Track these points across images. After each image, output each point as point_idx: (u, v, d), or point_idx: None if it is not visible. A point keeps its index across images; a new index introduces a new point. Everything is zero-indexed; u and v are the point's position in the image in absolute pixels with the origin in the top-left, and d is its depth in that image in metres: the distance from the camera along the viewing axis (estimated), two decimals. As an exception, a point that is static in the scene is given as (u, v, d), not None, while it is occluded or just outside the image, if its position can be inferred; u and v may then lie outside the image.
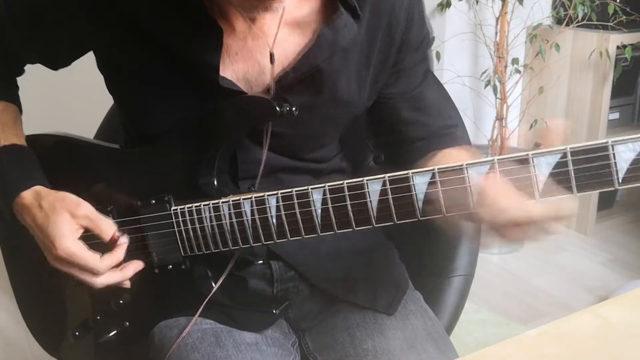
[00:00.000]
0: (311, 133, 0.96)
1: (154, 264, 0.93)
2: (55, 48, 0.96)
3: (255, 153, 0.93)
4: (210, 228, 0.88)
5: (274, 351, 0.94)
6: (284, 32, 0.89)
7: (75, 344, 1.01)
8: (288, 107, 0.86)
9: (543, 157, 0.72)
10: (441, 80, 1.34)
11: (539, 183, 0.72)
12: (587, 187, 0.71)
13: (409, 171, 0.77)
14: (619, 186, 0.70)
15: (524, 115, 2.90)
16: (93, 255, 0.86)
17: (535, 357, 0.73)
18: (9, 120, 0.98)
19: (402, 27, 0.94)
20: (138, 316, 0.97)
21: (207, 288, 0.93)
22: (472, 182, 0.75)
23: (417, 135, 1.02)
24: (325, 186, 0.81)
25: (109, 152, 1.01)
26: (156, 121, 0.93)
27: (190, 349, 0.91)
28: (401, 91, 0.99)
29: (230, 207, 0.86)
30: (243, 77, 0.90)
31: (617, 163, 0.70)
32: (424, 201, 0.77)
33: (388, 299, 1.00)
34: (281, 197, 0.83)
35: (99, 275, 0.88)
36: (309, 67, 0.88)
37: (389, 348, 0.94)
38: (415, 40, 0.97)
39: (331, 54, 0.88)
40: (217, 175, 0.91)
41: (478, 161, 0.75)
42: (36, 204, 0.88)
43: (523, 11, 2.63)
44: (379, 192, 0.79)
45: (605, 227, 2.89)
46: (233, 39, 0.88)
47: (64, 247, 0.85)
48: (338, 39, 0.88)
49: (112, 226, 0.89)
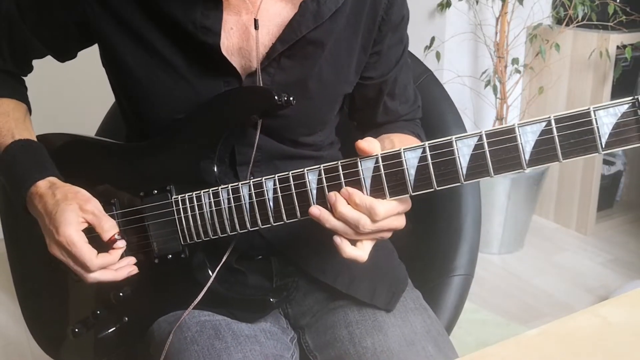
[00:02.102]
0: (304, 113, 0.97)
1: (155, 254, 0.95)
2: (63, 38, 0.98)
3: (251, 137, 0.94)
4: (209, 214, 0.90)
5: (272, 344, 0.95)
6: (276, 7, 0.91)
7: (74, 342, 1.01)
8: (286, 96, 0.88)
9: (528, 127, 0.74)
10: (441, 80, 1.34)
11: (525, 152, 0.74)
12: (571, 153, 0.73)
13: (401, 148, 0.80)
14: (603, 151, 0.72)
15: (524, 115, 2.90)
16: (90, 250, 0.88)
17: (535, 357, 0.73)
18: (20, 117, 1.01)
19: (384, 3, 0.96)
20: (137, 311, 0.98)
21: (205, 278, 0.94)
22: (460, 154, 0.77)
23: (385, 119, 1.07)
24: (321, 167, 0.84)
25: (112, 147, 1.02)
26: (157, 113, 0.95)
27: (189, 341, 0.92)
28: (378, 75, 1.02)
29: (229, 192, 0.88)
30: (237, 52, 0.92)
31: (600, 128, 0.71)
32: (415, 175, 0.79)
33: (387, 295, 1.01)
34: (278, 179, 0.86)
35: (90, 272, 0.89)
36: (294, 37, 0.90)
37: (389, 346, 0.94)
38: (396, 19, 0.99)
39: (316, 25, 0.90)
40: (217, 164, 0.93)
41: (467, 134, 0.77)
42: (50, 192, 0.90)
43: (523, 11, 2.63)
44: (372, 169, 0.81)
45: (605, 227, 2.89)
46: (228, 12, 0.91)
47: (67, 234, 0.87)
48: (322, 9, 0.90)
49: (114, 228, 0.90)
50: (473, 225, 1.21)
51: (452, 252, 1.20)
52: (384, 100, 1.05)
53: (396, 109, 1.07)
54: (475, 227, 1.22)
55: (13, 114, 1.00)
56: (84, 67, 1.03)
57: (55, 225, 0.88)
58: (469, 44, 2.77)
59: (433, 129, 1.22)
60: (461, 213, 1.21)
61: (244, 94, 0.92)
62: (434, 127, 1.23)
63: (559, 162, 0.74)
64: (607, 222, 2.91)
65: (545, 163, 0.74)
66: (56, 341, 1.07)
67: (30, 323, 1.11)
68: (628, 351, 0.73)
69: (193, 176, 0.92)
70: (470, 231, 1.21)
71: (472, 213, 1.21)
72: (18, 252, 1.11)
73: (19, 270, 1.11)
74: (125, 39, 0.92)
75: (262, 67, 0.92)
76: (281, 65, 0.93)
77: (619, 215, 2.98)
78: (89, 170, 1.00)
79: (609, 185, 2.98)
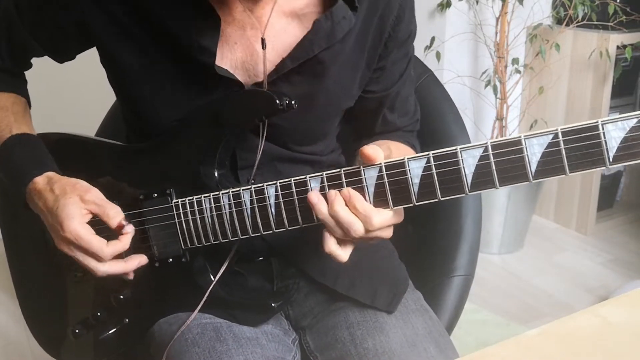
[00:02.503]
0: (306, 125, 0.97)
1: (155, 257, 0.94)
2: (61, 39, 0.97)
3: (252, 142, 0.94)
4: (210, 219, 0.89)
5: (274, 346, 0.95)
6: (282, 23, 0.90)
7: (75, 342, 1.01)
8: (288, 100, 0.87)
9: (535, 139, 0.73)
10: (441, 80, 1.34)
11: (531, 164, 0.73)
12: (578, 166, 0.72)
13: (405, 157, 0.79)
14: (610, 165, 0.71)
15: (524, 115, 2.90)
16: (99, 239, 0.87)
17: (535, 357, 0.73)
18: (19, 111, 1.00)
19: (393, 19, 0.95)
20: (138, 312, 0.98)
21: (206, 282, 0.94)
22: (465, 164, 0.76)
23: (382, 129, 1.06)
24: (323, 174, 0.83)
25: (112, 149, 1.02)
26: (157, 115, 0.94)
27: (190, 343, 0.92)
28: (380, 89, 1.01)
29: (230, 197, 0.87)
30: (241, 66, 0.92)
31: (608, 142, 0.70)
32: (419, 185, 0.78)
33: (388, 296, 1.01)
34: (280, 186, 0.84)
35: (102, 262, 0.88)
36: (305, 55, 0.89)
37: (390, 347, 0.94)
38: (403, 36, 0.98)
39: (328, 45, 0.90)
40: (218, 168, 0.93)
41: (472, 145, 0.76)
42: (48, 188, 0.90)
43: (523, 11, 2.63)
44: (375, 177, 0.80)
45: (605, 227, 2.89)
46: (232, 27, 0.90)
47: (72, 228, 0.86)
48: (335, 30, 0.89)
49: (119, 213, 0.89)
50: (473, 226, 1.21)
51: (452, 252, 1.20)
52: (383, 113, 1.05)
53: (395, 121, 1.06)
54: (476, 227, 1.22)
55: (12, 108, 0.99)
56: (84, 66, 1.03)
57: (59, 222, 0.87)
58: (469, 44, 2.77)
59: (434, 129, 1.22)
60: (461, 213, 1.21)
61: (245, 97, 0.91)
62: (435, 127, 1.23)
63: (565, 175, 0.72)
64: (607, 222, 2.91)
65: (551, 176, 0.73)
66: (56, 341, 1.07)
67: (30, 322, 1.11)
68: (628, 351, 0.73)
69: (193, 180, 0.92)
70: (471, 231, 1.21)
71: (472, 213, 1.21)
72: (17, 251, 1.11)
73: (18, 269, 1.11)
74: (124, 43, 0.91)
75: (269, 81, 0.90)
76: (289, 79, 0.92)
77: (619, 215, 2.97)
78: (88, 171, 0.99)
79: (609, 185, 2.98)
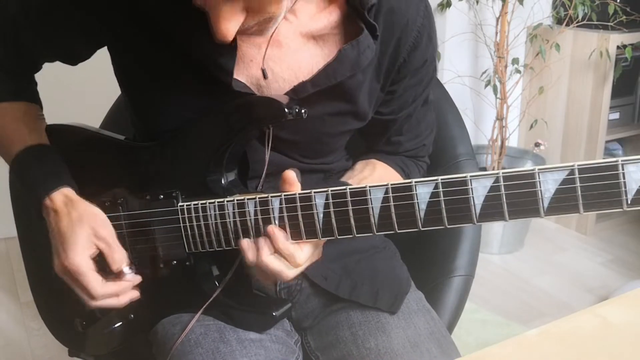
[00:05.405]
0: (316, 141, 0.97)
1: (159, 258, 0.94)
2: (70, 45, 0.97)
3: (263, 153, 0.94)
4: (215, 226, 0.89)
5: (277, 348, 0.94)
6: (299, 43, 0.89)
7: (82, 334, 1.02)
8: (297, 109, 0.86)
9: (549, 173, 0.70)
10: (441, 80, 1.34)
11: (544, 200, 0.70)
12: (594, 206, 0.69)
13: (412, 180, 0.77)
14: (628, 207, 0.67)
15: (524, 115, 2.90)
16: (97, 278, 0.89)
17: (535, 357, 0.73)
18: (31, 120, 1.00)
19: (409, 45, 0.94)
20: (143, 309, 0.98)
21: (210, 287, 0.94)
22: (475, 194, 0.73)
23: (387, 149, 1.06)
24: (328, 190, 0.81)
25: (121, 144, 1.01)
26: (166, 117, 0.94)
27: (193, 344, 0.92)
28: (388, 112, 1.00)
29: (234, 206, 0.86)
30: (256, 82, 0.91)
31: (627, 183, 0.67)
32: (426, 211, 0.76)
33: (390, 297, 1.00)
34: (284, 199, 0.83)
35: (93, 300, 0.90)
36: (327, 82, 0.89)
37: (392, 347, 0.94)
38: (417, 63, 0.96)
39: (353, 73, 0.89)
40: (225, 174, 0.92)
41: (483, 174, 0.73)
42: (66, 211, 0.90)
43: (523, 11, 2.63)
44: (381, 199, 0.78)
45: (605, 227, 2.89)
46: (248, 46, 0.89)
47: (75, 262, 0.87)
48: (360, 59, 0.88)
49: (123, 260, 0.91)
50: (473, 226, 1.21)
51: (452, 252, 1.20)
52: (389, 134, 1.04)
53: (400, 141, 1.05)
54: (476, 228, 1.22)
55: (24, 118, 1.00)
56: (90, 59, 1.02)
57: (64, 249, 0.88)
58: (469, 44, 2.77)
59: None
60: (461, 213, 1.21)
61: (254, 102, 0.89)
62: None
63: (578, 213, 0.69)
64: (607, 222, 2.91)
65: (564, 213, 0.70)
66: (64, 330, 1.07)
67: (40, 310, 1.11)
68: (628, 351, 0.73)
69: (199, 184, 0.91)
70: (471, 231, 1.21)
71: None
72: (30, 240, 1.10)
73: (30, 257, 1.11)
74: (137, 49, 0.90)
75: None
76: (307, 99, 0.90)
77: (619, 215, 2.97)
78: (96, 166, 0.99)
79: (609, 185, 2.98)
